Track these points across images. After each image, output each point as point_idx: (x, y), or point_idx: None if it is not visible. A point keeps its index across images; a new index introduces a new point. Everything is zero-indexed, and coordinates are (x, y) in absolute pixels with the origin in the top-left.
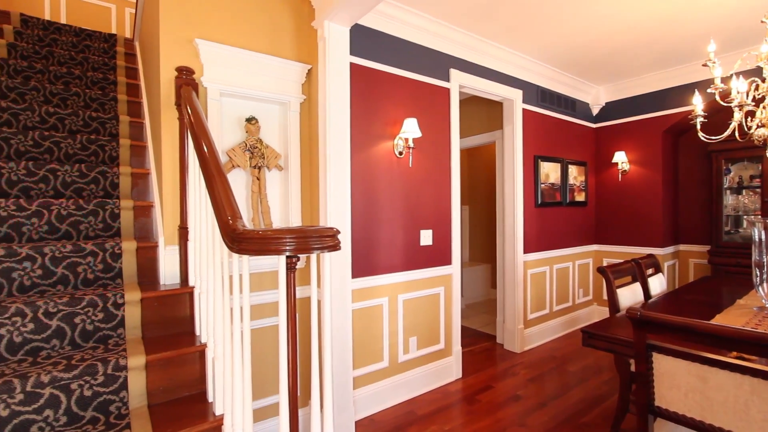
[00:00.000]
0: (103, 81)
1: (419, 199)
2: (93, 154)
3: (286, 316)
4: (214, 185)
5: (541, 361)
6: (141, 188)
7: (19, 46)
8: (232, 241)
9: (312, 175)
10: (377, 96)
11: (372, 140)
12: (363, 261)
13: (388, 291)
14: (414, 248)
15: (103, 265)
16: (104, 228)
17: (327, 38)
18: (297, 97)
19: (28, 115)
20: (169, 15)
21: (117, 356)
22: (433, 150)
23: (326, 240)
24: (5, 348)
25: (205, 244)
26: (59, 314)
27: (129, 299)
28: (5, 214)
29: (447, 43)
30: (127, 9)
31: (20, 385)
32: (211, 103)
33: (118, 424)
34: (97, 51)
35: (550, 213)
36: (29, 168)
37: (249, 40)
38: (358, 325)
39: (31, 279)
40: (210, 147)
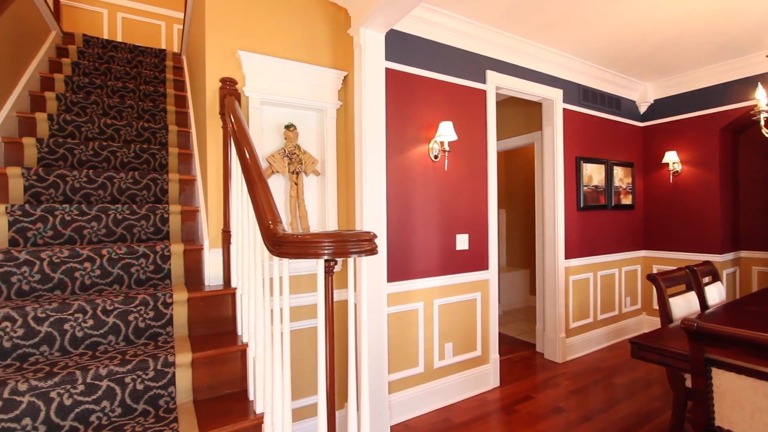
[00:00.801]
0: (153, 93)
1: (455, 202)
2: (145, 162)
3: (325, 318)
4: (255, 190)
5: (585, 373)
6: (188, 194)
7: (82, 64)
8: (273, 245)
9: (348, 179)
10: (412, 100)
11: (407, 144)
12: (398, 265)
13: (423, 295)
14: (450, 253)
15: (153, 267)
16: (155, 231)
17: (363, 45)
18: (333, 104)
19: (89, 127)
20: (214, 29)
21: (166, 353)
22: (469, 153)
23: (364, 244)
24: (69, 342)
25: (246, 247)
26: (115, 312)
27: (177, 299)
28: (69, 218)
29: (482, 44)
30: (175, 25)
31: (81, 377)
32: (252, 111)
33: (167, 418)
34: (148, 66)
35: (594, 217)
36: (90, 176)
37: (288, 50)
38: (393, 329)
39: (91, 278)
40: (252, 153)
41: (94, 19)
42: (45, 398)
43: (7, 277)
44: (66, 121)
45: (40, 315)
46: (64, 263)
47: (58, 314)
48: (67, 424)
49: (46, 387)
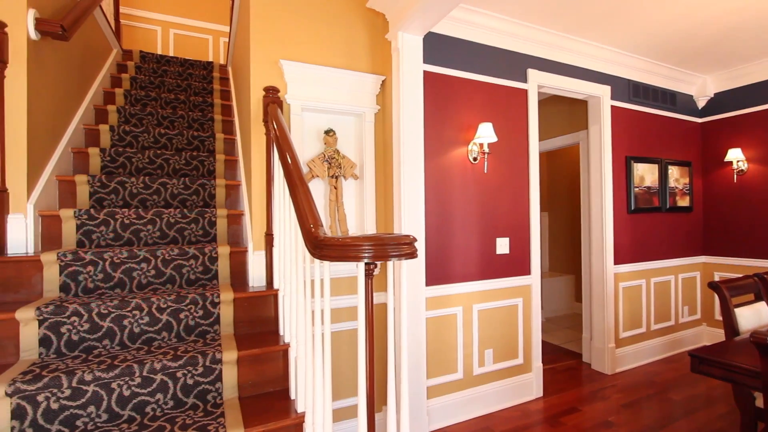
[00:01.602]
0: (202, 104)
1: (495, 205)
2: (194, 168)
3: (365, 321)
4: (297, 194)
5: (637, 386)
6: (233, 198)
7: (139, 78)
8: (314, 248)
9: (386, 183)
10: (450, 102)
11: (445, 147)
12: (437, 269)
13: (462, 300)
14: (490, 257)
15: (202, 268)
16: (203, 234)
17: (401, 49)
18: (372, 108)
19: (145, 137)
20: (258, 40)
21: (214, 350)
22: (509, 154)
23: (403, 247)
24: (127, 337)
25: (288, 250)
26: (168, 310)
27: (224, 299)
28: (128, 222)
29: (523, 43)
30: (221, 38)
31: (138, 370)
32: (293, 118)
33: (214, 413)
34: (197, 78)
35: (646, 220)
36: (146, 182)
37: (327, 57)
38: (431, 333)
39: (147, 278)
40: (293, 159)
41: (149, 36)
42: (107, 389)
43: (75, 276)
44: (125, 131)
45: (103, 311)
46: (123, 263)
47: (119, 311)
48: (126, 414)
49: (108, 378)
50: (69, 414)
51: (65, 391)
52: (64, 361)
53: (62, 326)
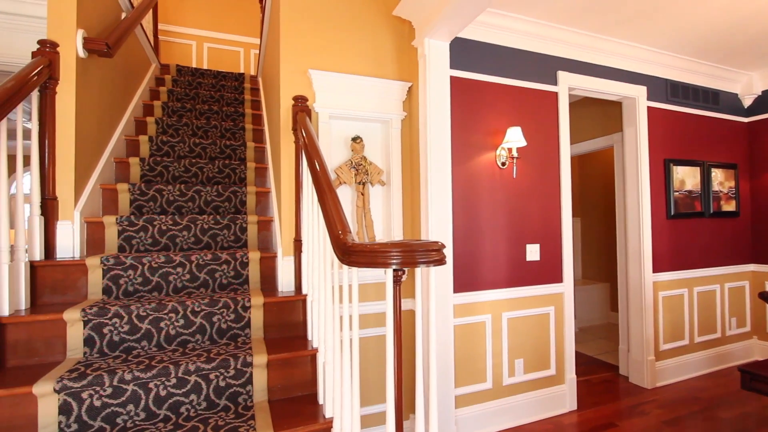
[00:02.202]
0: (234, 114)
1: (525, 211)
2: (227, 176)
3: (393, 327)
4: (325, 201)
5: (680, 402)
6: (263, 205)
7: (175, 91)
8: (343, 254)
9: (413, 189)
10: (478, 107)
11: (473, 152)
12: (464, 275)
13: (491, 308)
14: (519, 263)
15: (234, 272)
16: (235, 240)
17: (427, 55)
18: (398, 115)
19: (180, 147)
20: (287, 51)
21: (245, 353)
22: (539, 159)
23: (432, 254)
24: (163, 339)
25: (316, 256)
26: (202, 313)
27: (254, 303)
28: (165, 228)
29: (552, 45)
30: (252, 50)
31: (174, 371)
32: (321, 126)
33: (245, 415)
34: (229, 89)
35: (688, 226)
36: (181, 190)
37: (354, 65)
38: (459, 341)
39: (182, 282)
40: (322, 166)
41: (185, 50)
42: (145, 388)
43: (116, 279)
44: (162, 141)
45: (142, 314)
46: (160, 268)
47: (156, 313)
48: (162, 413)
49: (145, 378)
50: (110, 411)
51: (107, 389)
52: (106, 361)
53: (104, 327)
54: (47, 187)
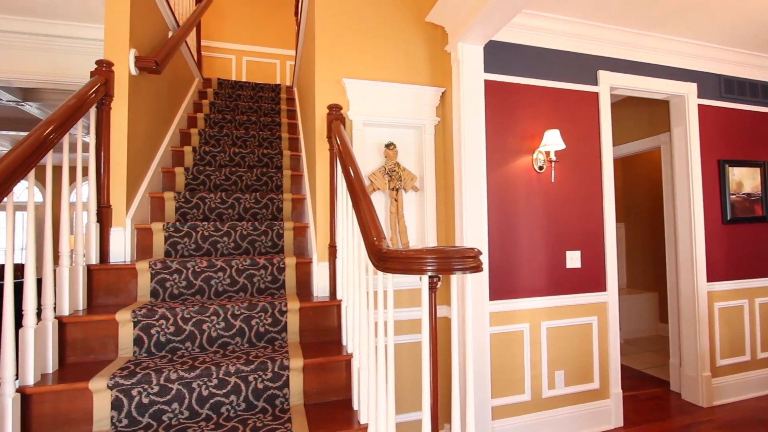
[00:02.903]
0: (271, 123)
1: (564, 216)
2: (264, 184)
3: (429, 334)
4: (360, 207)
5: (742, 423)
6: (299, 211)
7: (216, 103)
8: (378, 260)
9: (447, 194)
10: (513, 110)
11: (509, 156)
12: (501, 283)
13: (528, 316)
14: (559, 271)
15: (271, 277)
16: (272, 245)
17: (461, 60)
18: (431, 120)
19: (221, 156)
20: (322, 61)
21: (281, 357)
22: (579, 162)
23: (468, 261)
24: (206, 340)
25: (351, 262)
26: (241, 316)
27: (290, 308)
28: (207, 234)
29: (591, 44)
30: (288, 62)
31: (216, 372)
32: (355, 133)
33: (282, 417)
34: (266, 99)
35: (747, 231)
36: (222, 197)
37: (387, 73)
38: (496, 350)
39: (223, 286)
40: (356, 172)
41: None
42: (188, 388)
43: (163, 283)
44: (205, 151)
45: (186, 316)
46: (203, 272)
47: (199, 316)
48: (204, 413)
49: (189, 378)
50: (157, 409)
51: (154, 387)
52: (153, 360)
53: (152, 328)
54: (102, 195)
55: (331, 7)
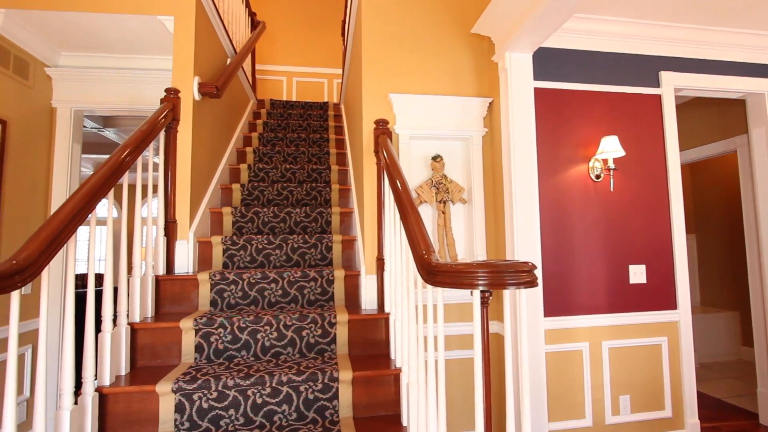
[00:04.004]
0: (319, 140)
1: (626, 227)
2: (313, 198)
3: (482, 350)
4: (408, 220)
5: None
6: (347, 224)
7: (269, 122)
8: (428, 274)
9: (496, 206)
10: (565, 117)
11: (562, 165)
12: (556, 298)
13: (587, 335)
14: (621, 286)
15: (320, 289)
16: (321, 258)
17: (508, 69)
18: (479, 131)
19: (273, 173)
20: (369, 78)
21: (331, 369)
22: (641, 169)
23: (522, 275)
24: (260, 349)
25: (399, 275)
26: (293, 327)
27: (339, 320)
28: (261, 247)
29: (650, 44)
30: (335, 80)
31: (269, 381)
32: (402, 146)
33: (332, 429)
34: (315, 117)
35: None
36: (275, 212)
37: (433, 86)
38: (552, 371)
39: (275, 297)
40: (404, 185)
41: (276, 85)
42: (244, 395)
43: (221, 293)
44: (259, 168)
45: (242, 325)
46: (257, 283)
47: (254, 326)
48: (258, 420)
49: (245, 385)
50: (215, 414)
51: (213, 393)
52: (212, 367)
53: (211, 336)
54: (169, 211)
55: (377, 25)
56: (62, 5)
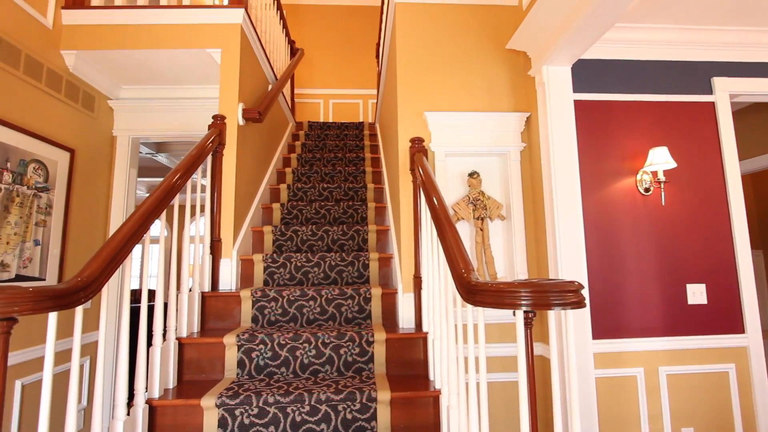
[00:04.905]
0: (355, 159)
1: (680, 243)
2: (350, 216)
3: (526, 375)
4: (446, 237)
5: None
6: (383, 242)
7: (307, 143)
8: (467, 293)
9: (537, 222)
10: (609, 129)
11: (606, 179)
12: (604, 320)
13: (642, 360)
14: (678, 307)
15: (357, 307)
16: (358, 276)
17: (546, 83)
18: (516, 147)
19: (311, 192)
20: (404, 98)
21: (369, 388)
22: (695, 181)
23: (568, 295)
24: (299, 367)
25: (437, 293)
26: (330, 345)
27: (377, 338)
28: (299, 264)
29: (701, 50)
30: (370, 100)
31: (308, 398)
32: (438, 164)
33: None
34: (350, 137)
35: None
36: (313, 230)
37: (468, 103)
38: (603, 397)
39: (313, 314)
40: (440, 202)
41: (314, 108)
42: (283, 412)
43: (262, 310)
44: (297, 188)
45: (282, 342)
46: (296, 301)
47: (293, 343)
48: None
49: (285, 402)
50: (256, 430)
51: (254, 409)
52: (253, 383)
53: (253, 352)
54: (215, 230)
55: (412, 45)
56: (125, 45)
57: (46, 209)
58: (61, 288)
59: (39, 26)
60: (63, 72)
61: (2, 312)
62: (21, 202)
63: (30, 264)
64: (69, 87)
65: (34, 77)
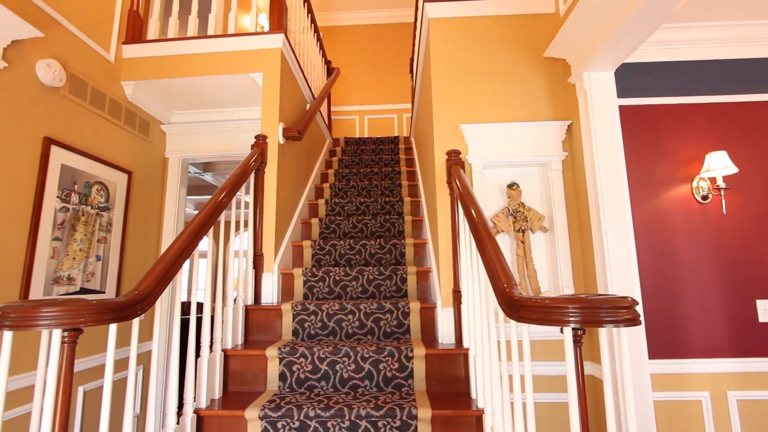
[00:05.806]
0: (391, 173)
1: (748, 255)
2: (387, 230)
3: (577, 396)
4: (486, 250)
5: None
6: (420, 256)
7: (344, 159)
8: (510, 308)
9: (582, 233)
10: (658, 134)
11: (657, 187)
12: (661, 338)
13: (706, 383)
14: (747, 325)
15: (396, 322)
16: (396, 290)
17: (588, 90)
18: (558, 156)
19: (349, 206)
20: (440, 111)
21: (409, 405)
22: (761, 187)
23: (621, 312)
24: (338, 381)
25: (477, 308)
26: (370, 359)
27: (416, 354)
28: (338, 279)
29: (759, 46)
30: (404, 114)
31: (348, 413)
32: (475, 176)
33: None
34: (386, 151)
35: None
36: (351, 244)
37: (506, 113)
38: (662, 422)
39: (352, 328)
40: (479, 214)
41: (350, 124)
42: (324, 426)
43: (302, 323)
44: (335, 203)
45: (322, 356)
46: (335, 314)
47: (332, 356)
48: None
49: (325, 417)
50: None
51: (295, 422)
52: (294, 396)
53: (294, 365)
54: (257, 245)
55: (446, 59)
56: (178, 73)
57: (107, 227)
58: (121, 301)
59: (103, 61)
60: (122, 101)
61: (70, 323)
62: (86, 220)
63: (92, 278)
64: (128, 114)
65: (98, 107)
